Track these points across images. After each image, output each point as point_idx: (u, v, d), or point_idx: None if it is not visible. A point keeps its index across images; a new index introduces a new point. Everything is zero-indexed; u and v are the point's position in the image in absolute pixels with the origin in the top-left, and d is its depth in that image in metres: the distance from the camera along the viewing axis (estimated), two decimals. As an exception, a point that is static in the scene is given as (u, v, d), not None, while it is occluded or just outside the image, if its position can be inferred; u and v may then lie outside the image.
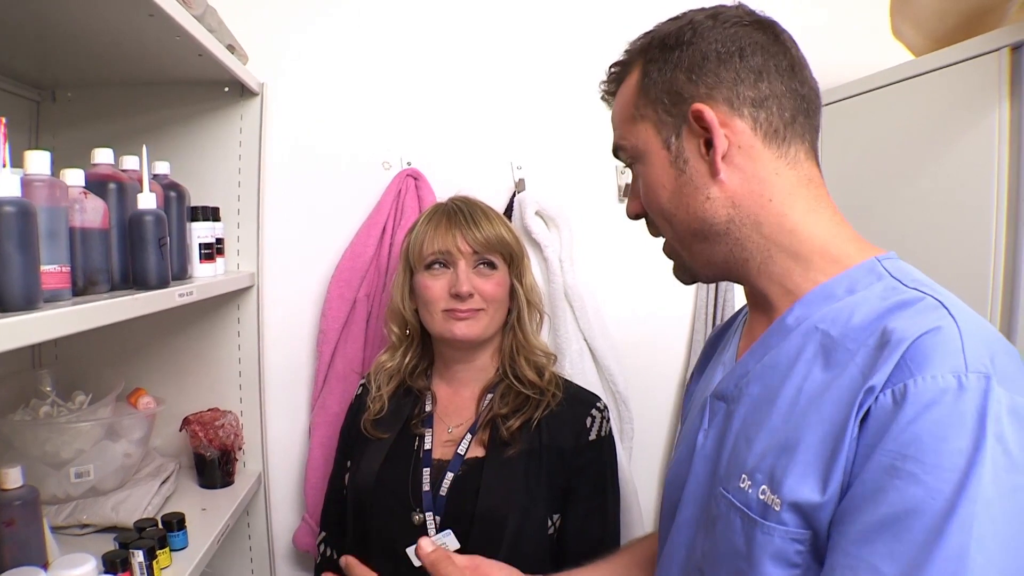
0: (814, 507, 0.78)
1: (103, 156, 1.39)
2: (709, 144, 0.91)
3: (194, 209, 1.70)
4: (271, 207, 2.14)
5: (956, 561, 0.66)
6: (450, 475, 1.53)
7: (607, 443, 1.60)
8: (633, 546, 1.35)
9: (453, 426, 1.63)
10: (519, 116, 2.18)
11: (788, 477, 0.80)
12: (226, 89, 1.99)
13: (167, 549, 1.51)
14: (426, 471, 1.55)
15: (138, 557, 1.41)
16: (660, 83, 0.94)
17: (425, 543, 1.17)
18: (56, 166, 1.15)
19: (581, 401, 1.62)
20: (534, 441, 1.54)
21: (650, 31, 1.00)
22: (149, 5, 1.29)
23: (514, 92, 2.18)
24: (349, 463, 1.69)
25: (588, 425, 1.58)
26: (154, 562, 1.44)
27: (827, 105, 2.11)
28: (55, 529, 1.54)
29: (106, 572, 1.35)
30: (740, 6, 0.98)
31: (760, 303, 0.99)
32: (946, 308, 0.79)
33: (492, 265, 1.60)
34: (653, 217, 1.00)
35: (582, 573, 1.29)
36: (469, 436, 1.58)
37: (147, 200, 1.36)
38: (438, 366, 1.71)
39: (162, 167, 1.66)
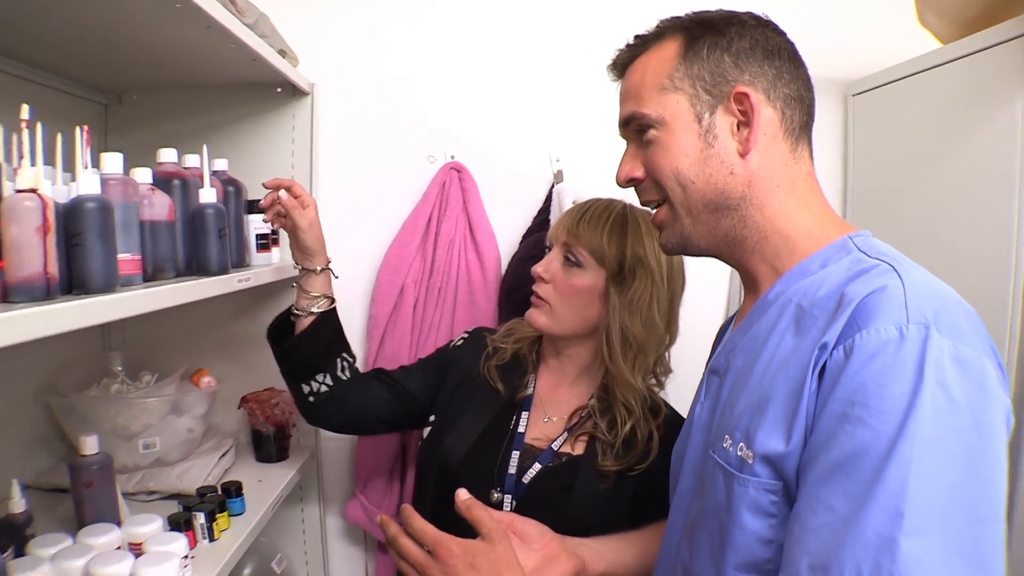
0: (780, 456, 0.86)
1: (167, 155, 1.50)
2: (741, 125, 1.00)
3: (251, 202, 1.79)
4: (322, 199, 2.23)
5: (896, 495, 0.74)
6: (538, 465, 1.53)
7: None
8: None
9: (549, 416, 1.61)
10: (557, 110, 2.25)
11: (759, 432, 0.89)
12: (279, 90, 2.10)
13: (226, 513, 1.62)
14: (515, 454, 1.55)
15: (200, 519, 1.53)
16: (705, 61, 1.01)
17: (463, 492, 1.27)
18: (124, 164, 1.26)
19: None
20: (629, 461, 1.49)
21: (687, 15, 1.07)
22: (206, 18, 1.40)
23: (552, 87, 2.25)
24: (433, 418, 1.68)
25: None
26: (214, 523, 1.55)
27: (856, 95, 2.16)
28: (125, 495, 1.64)
29: (172, 530, 1.46)
30: (769, 17, 1.07)
31: (750, 283, 1.08)
32: (896, 272, 0.87)
33: (578, 263, 1.54)
34: (663, 182, 1.04)
35: (615, 540, 1.39)
36: (565, 435, 1.56)
37: (208, 195, 1.47)
38: (545, 351, 1.69)
39: (221, 164, 1.75)
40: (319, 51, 2.21)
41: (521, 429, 1.59)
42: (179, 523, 1.50)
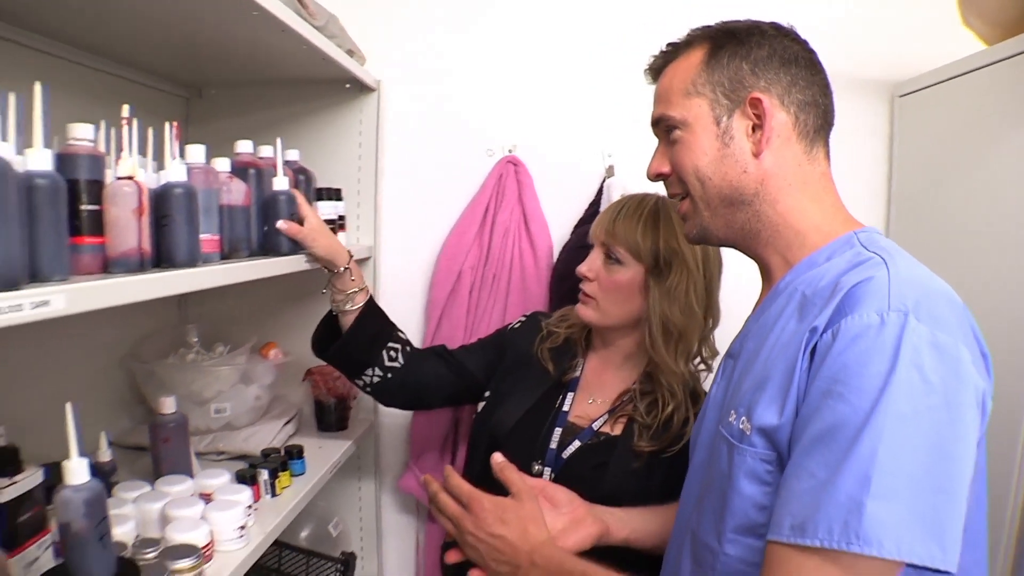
0: (774, 429, 0.96)
1: (244, 146, 1.62)
2: (755, 128, 1.09)
3: (319, 190, 1.91)
4: (386, 189, 2.38)
5: (866, 463, 0.83)
6: (578, 442, 1.60)
7: None
8: None
9: (594, 398, 1.69)
10: (610, 107, 2.33)
11: (758, 407, 0.99)
12: (347, 86, 2.24)
13: (288, 472, 1.76)
14: (557, 430, 1.63)
15: (263, 475, 1.68)
16: (725, 69, 1.10)
17: (498, 455, 1.40)
18: (206, 155, 1.39)
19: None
20: (662, 443, 1.56)
21: (715, 24, 1.17)
22: (280, 24, 1.54)
23: (605, 86, 2.33)
24: (488, 393, 1.79)
25: None
26: (276, 480, 1.70)
27: (903, 96, 2.18)
28: (197, 454, 1.79)
29: (238, 483, 1.60)
30: (793, 28, 1.16)
31: (765, 273, 1.18)
32: (885, 264, 0.96)
33: (618, 260, 1.61)
34: (685, 177, 1.14)
35: (640, 511, 1.48)
36: (606, 416, 1.63)
37: (281, 183, 1.59)
38: (594, 338, 1.77)
39: (292, 154, 1.85)
40: (385, 50, 2.33)
41: (566, 408, 1.67)
42: (245, 478, 1.64)
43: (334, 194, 1.99)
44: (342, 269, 1.73)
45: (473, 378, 1.85)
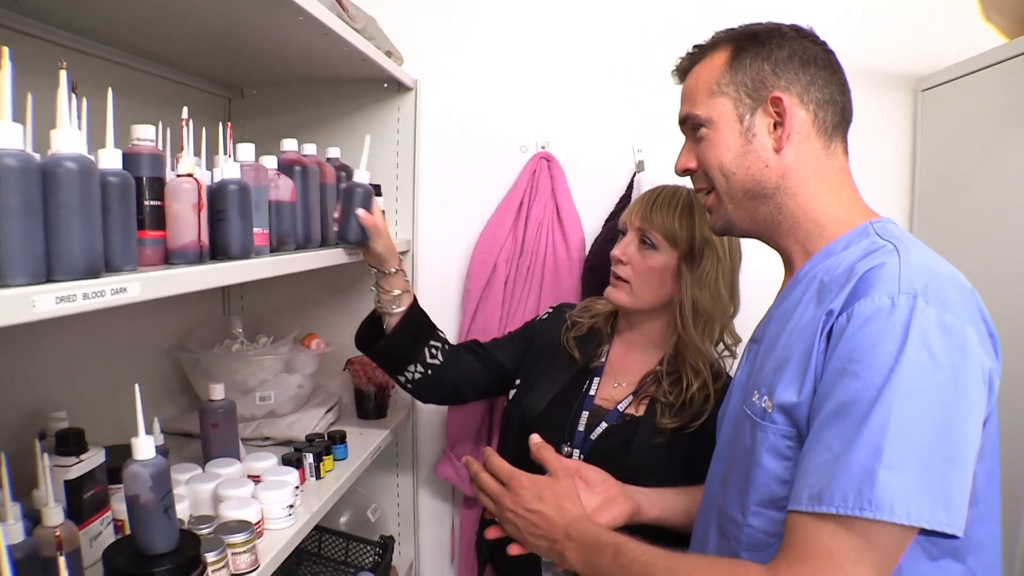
0: (793, 406, 1.03)
1: (289, 145, 1.67)
2: (776, 125, 1.15)
3: None
4: (424, 184, 2.44)
5: (878, 434, 0.90)
6: (604, 424, 1.67)
7: None
8: None
9: (619, 382, 1.75)
10: (641, 103, 2.37)
11: (779, 386, 1.06)
12: (385, 85, 2.31)
13: (331, 456, 1.83)
14: (584, 413, 1.70)
15: (308, 459, 1.75)
16: (747, 70, 1.16)
17: (536, 436, 1.47)
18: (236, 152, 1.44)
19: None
20: (684, 419, 1.62)
21: (738, 27, 1.23)
22: (324, 28, 1.60)
23: (636, 81, 2.37)
24: (518, 381, 1.86)
25: None
26: (320, 464, 1.77)
27: (925, 91, 2.21)
28: (243, 440, 1.85)
29: (284, 465, 1.67)
30: (812, 29, 1.21)
31: (787, 262, 1.24)
32: (897, 251, 1.02)
33: (653, 245, 1.68)
34: (710, 173, 1.20)
35: (671, 491, 1.54)
36: (631, 398, 1.70)
37: (362, 176, 1.66)
38: (619, 324, 1.84)
39: (333, 152, 1.92)
40: (422, 51, 2.39)
41: (592, 392, 1.74)
42: (291, 461, 1.71)
43: (375, 190, 2.03)
44: (393, 271, 1.78)
45: (504, 370, 1.91)
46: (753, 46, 1.17)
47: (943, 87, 2.13)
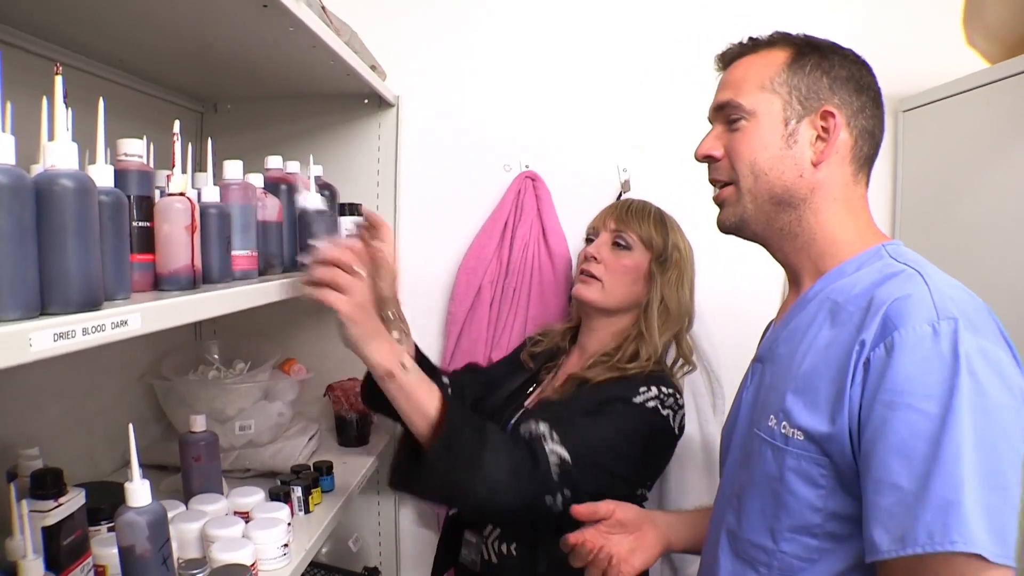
0: (824, 437, 0.99)
1: (274, 162, 1.61)
2: (819, 139, 1.13)
3: (341, 205, 1.88)
4: (405, 203, 2.39)
5: (954, 462, 0.86)
6: (522, 411, 1.76)
7: (649, 412, 1.58)
8: None
9: (556, 384, 1.78)
10: (625, 123, 2.36)
11: (800, 413, 1.03)
12: (366, 101, 2.25)
13: (319, 489, 1.76)
14: (517, 414, 1.76)
15: (297, 492, 1.68)
16: (806, 77, 1.14)
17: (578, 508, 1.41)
18: (217, 169, 1.34)
19: (656, 378, 1.64)
20: (591, 392, 1.63)
21: (796, 33, 1.20)
22: (314, 38, 1.54)
23: (621, 101, 2.36)
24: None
25: (640, 391, 1.59)
26: (309, 497, 1.70)
27: (906, 112, 2.22)
28: (223, 472, 1.76)
29: (272, 500, 1.60)
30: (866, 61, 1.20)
31: (794, 279, 1.22)
32: (922, 276, 1.00)
33: (627, 246, 1.74)
34: (738, 166, 1.17)
35: (698, 517, 1.49)
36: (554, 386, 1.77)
37: (314, 200, 1.60)
38: (578, 336, 1.86)
39: (316, 169, 1.79)
40: (404, 66, 2.34)
41: (528, 392, 1.83)
42: (279, 495, 1.64)
43: (354, 209, 1.96)
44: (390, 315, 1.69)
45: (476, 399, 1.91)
46: (815, 56, 1.16)
47: (924, 108, 2.15)
